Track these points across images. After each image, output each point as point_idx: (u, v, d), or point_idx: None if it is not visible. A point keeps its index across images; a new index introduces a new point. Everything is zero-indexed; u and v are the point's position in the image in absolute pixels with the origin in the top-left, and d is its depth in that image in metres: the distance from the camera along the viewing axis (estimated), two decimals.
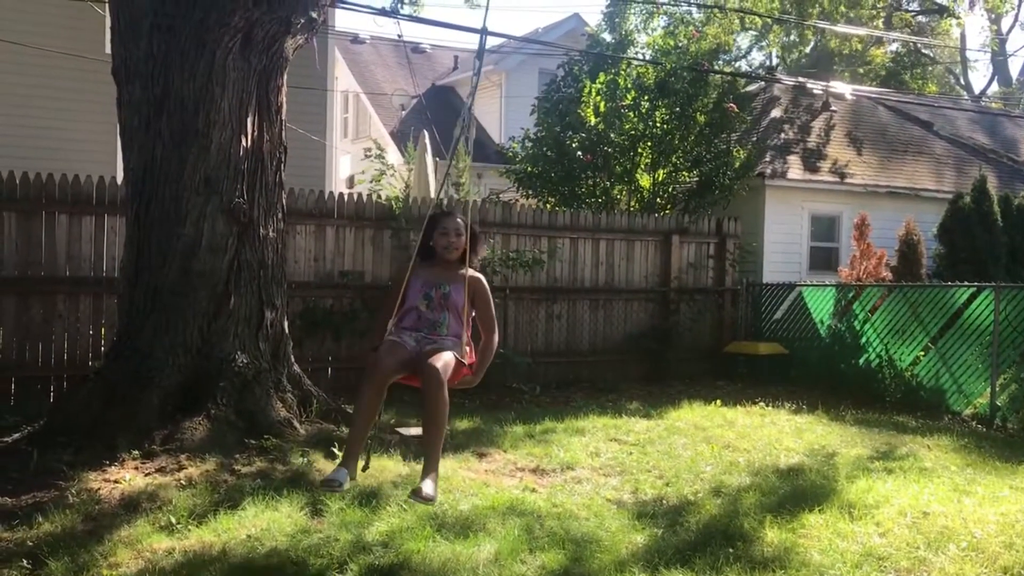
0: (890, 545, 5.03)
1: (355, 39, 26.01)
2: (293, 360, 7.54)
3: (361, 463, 4.76)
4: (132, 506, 5.25)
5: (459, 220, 4.93)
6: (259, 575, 4.35)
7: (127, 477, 5.70)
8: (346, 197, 10.43)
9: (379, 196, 10.68)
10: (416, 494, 4.33)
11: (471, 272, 4.86)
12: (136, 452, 6.09)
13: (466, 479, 6.14)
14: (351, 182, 20.77)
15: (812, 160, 15.56)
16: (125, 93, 7.10)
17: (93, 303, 8.89)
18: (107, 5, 7.51)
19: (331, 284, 10.08)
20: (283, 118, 7.54)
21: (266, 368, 7.06)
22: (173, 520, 5.04)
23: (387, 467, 6.22)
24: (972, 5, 27.56)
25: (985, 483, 6.46)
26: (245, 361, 6.91)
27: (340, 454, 6.21)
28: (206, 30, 6.87)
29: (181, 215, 6.87)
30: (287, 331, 7.54)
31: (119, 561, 4.48)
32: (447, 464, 6.50)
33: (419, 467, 6.23)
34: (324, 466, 6.09)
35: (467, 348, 4.79)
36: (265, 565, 4.48)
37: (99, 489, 5.49)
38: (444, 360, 4.55)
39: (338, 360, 10.08)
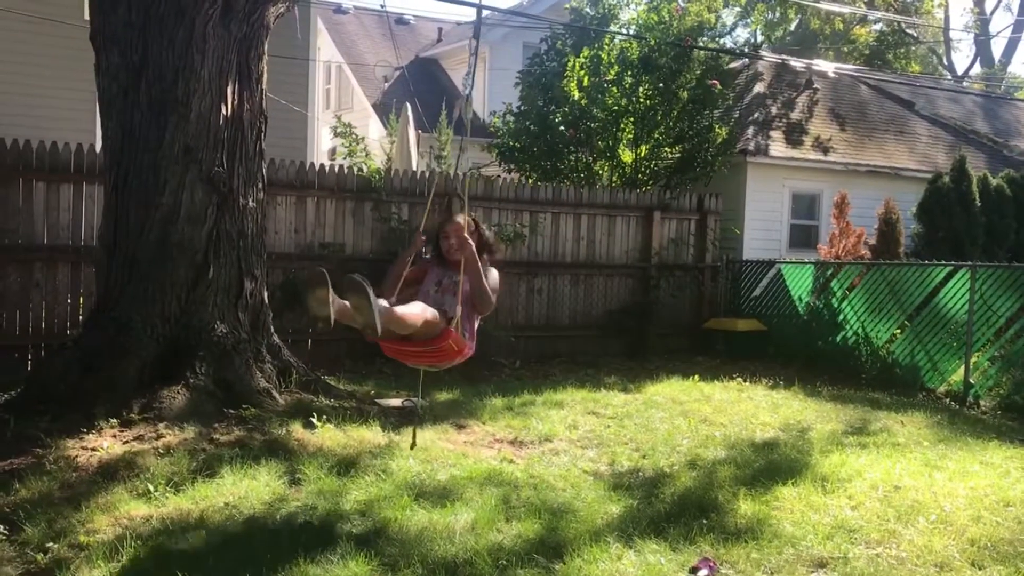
0: (861, 518, 5.11)
1: (338, 9, 25.74)
2: (272, 331, 7.53)
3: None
4: (109, 473, 5.25)
5: (459, 222, 5.17)
6: (236, 543, 4.37)
7: (105, 445, 5.69)
8: (327, 169, 10.38)
9: (360, 169, 10.64)
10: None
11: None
12: (114, 420, 6.08)
13: (445, 450, 6.18)
14: (333, 154, 20.65)
15: (794, 138, 15.60)
16: (103, 60, 7.01)
17: (71, 272, 8.84)
18: None
19: (311, 256, 10.05)
20: (263, 87, 7.47)
21: (245, 338, 7.05)
22: (151, 487, 5.05)
23: (366, 437, 6.25)
24: None
25: (956, 458, 6.56)
26: (224, 331, 6.89)
27: (319, 424, 6.29)
28: None
29: (160, 184, 6.81)
30: (267, 301, 7.52)
31: (96, 527, 4.49)
32: (426, 435, 6.54)
33: (398, 438, 6.34)
34: (303, 436, 6.11)
35: (465, 328, 5.04)
36: (242, 533, 4.50)
37: (76, 456, 5.49)
38: (430, 309, 4.87)
39: (318, 331, 10.07)
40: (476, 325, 5.23)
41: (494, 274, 5.26)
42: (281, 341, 7.66)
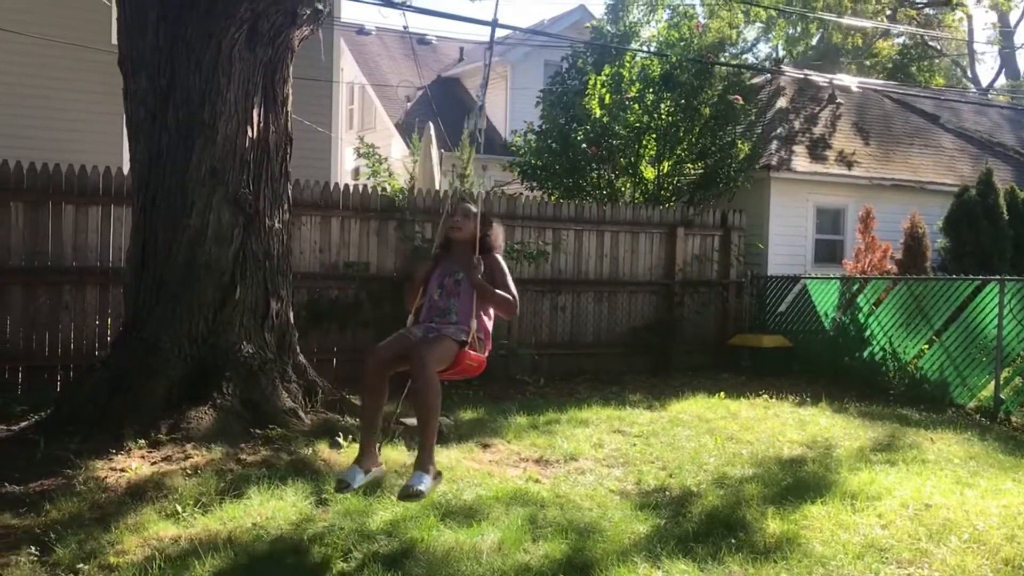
0: (892, 537, 5.05)
1: (361, 30, 26.01)
2: (298, 350, 7.57)
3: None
4: (138, 494, 5.28)
5: (467, 205, 5.10)
6: (264, 563, 4.38)
7: (133, 466, 5.73)
8: (351, 189, 10.46)
9: (384, 188, 10.71)
10: (402, 490, 4.59)
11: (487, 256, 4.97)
12: (142, 441, 6.12)
13: (470, 469, 6.17)
14: (356, 173, 20.81)
15: (818, 153, 15.54)
16: (131, 84, 7.11)
17: (99, 293, 8.94)
18: None
19: (336, 275, 10.12)
20: (289, 109, 7.55)
21: (271, 358, 7.09)
22: (179, 508, 5.08)
23: (391, 457, 6.24)
24: (979, 0, 27.45)
25: (988, 476, 6.48)
26: (251, 351, 6.94)
27: (345, 444, 6.29)
28: (212, 21, 6.88)
29: (187, 206, 6.89)
30: (292, 321, 7.57)
31: (126, 548, 4.52)
32: (451, 454, 6.53)
33: None
34: (329, 456, 6.12)
35: (480, 337, 4.87)
36: (270, 553, 4.52)
37: (106, 477, 5.53)
38: (436, 344, 4.71)
39: (343, 351, 10.12)
40: (491, 321, 5.03)
41: (503, 267, 5.02)
42: (307, 360, 7.71)
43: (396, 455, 6.32)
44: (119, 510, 5.04)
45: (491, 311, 5.00)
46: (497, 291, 4.86)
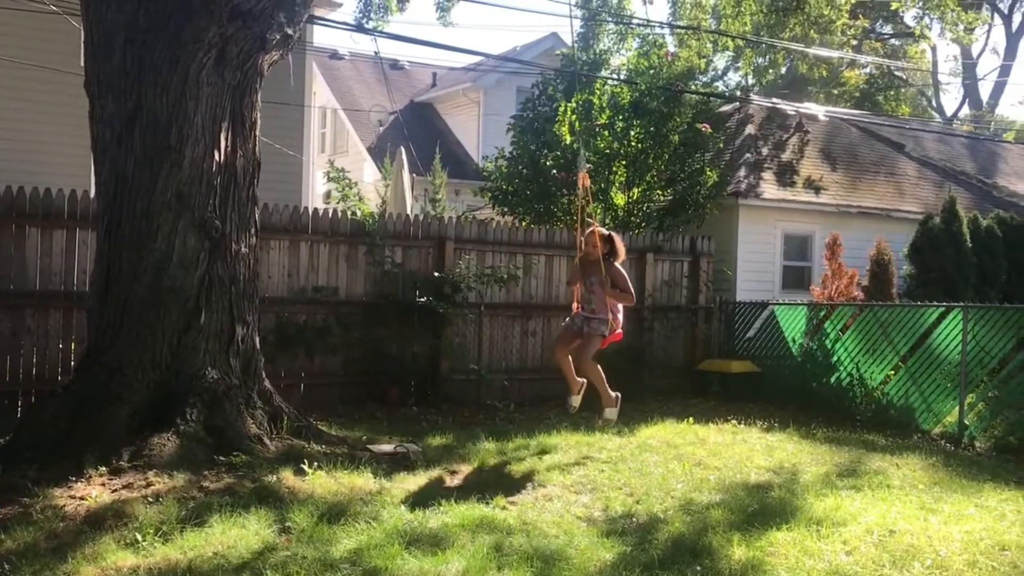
0: (856, 563, 5.07)
1: (333, 55, 26.06)
2: (264, 376, 7.50)
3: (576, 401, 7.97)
4: (97, 523, 5.19)
5: (594, 232, 7.57)
6: None
7: (93, 493, 5.63)
8: (321, 213, 10.42)
9: (354, 213, 10.69)
10: (602, 422, 8.10)
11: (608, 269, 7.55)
12: (103, 468, 6.01)
13: (436, 496, 6.12)
14: (328, 197, 20.75)
15: (785, 180, 15.71)
16: (98, 107, 7.06)
17: (63, 317, 8.83)
18: (81, 18, 7.49)
19: (304, 300, 10.07)
20: (257, 134, 7.52)
21: (236, 384, 7.01)
22: (139, 537, 4.99)
23: (356, 484, 6.20)
24: (942, 33, 27.99)
25: (951, 501, 6.53)
26: (215, 377, 6.86)
27: (310, 471, 6.25)
28: (180, 45, 6.86)
29: (152, 230, 6.82)
30: (259, 347, 7.50)
31: None
32: (418, 480, 6.51)
33: (388, 484, 6.32)
34: (293, 483, 6.05)
35: (611, 321, 7.54)
36: None
37: (64, 506, 5.43)
38: (587, 343, 7.56)
39: (311, 376, 10.05)
40: (620, 310, 7.66)
41: (621, 273, 7.59)
42: (273, 386, 7.63)
43: (362, 482, 6.28)
44: (77, 539, 4.94)
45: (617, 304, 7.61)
46: (620, 292, 7.54)
